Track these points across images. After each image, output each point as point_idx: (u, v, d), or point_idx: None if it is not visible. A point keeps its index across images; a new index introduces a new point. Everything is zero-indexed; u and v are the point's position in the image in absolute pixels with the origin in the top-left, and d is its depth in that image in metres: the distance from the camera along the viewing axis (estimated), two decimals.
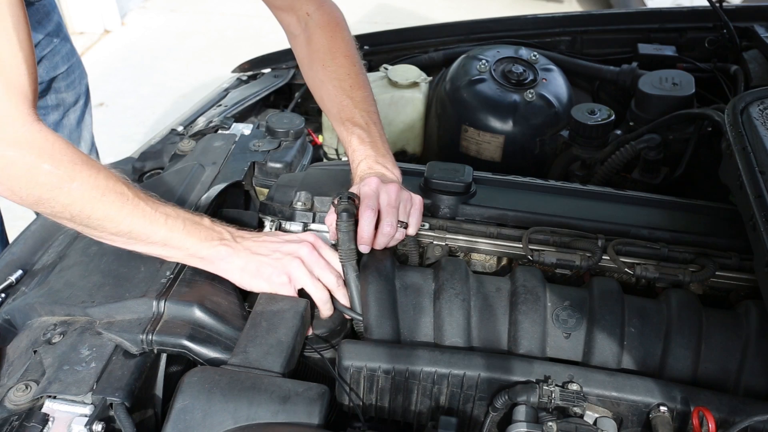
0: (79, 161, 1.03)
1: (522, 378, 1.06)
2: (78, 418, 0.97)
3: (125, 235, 1.09)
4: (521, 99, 1.85)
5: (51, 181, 1.01)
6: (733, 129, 1.28)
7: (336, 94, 1.37)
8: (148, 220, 1.09)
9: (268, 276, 1.16)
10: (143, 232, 1.09)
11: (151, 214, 1.09)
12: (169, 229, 1.10)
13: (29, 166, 1.00)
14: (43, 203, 1.03)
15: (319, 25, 1.40)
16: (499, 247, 1.34)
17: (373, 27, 2.40)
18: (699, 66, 1.99)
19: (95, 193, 1.03)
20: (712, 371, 1.12)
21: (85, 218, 1.05)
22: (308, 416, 0.96)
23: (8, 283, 1.25)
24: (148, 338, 1.07)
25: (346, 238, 1.21)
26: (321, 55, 1.39)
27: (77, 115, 1.97)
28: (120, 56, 4.90)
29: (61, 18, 1.91)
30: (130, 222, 1.07)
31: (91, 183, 1.03)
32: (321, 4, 1.42)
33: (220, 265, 1.16)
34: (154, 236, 1.10)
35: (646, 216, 1.38)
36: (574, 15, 2.24)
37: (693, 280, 1.24)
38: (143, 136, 3.81)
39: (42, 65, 1.79)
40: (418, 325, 1.17)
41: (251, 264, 1.16)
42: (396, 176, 1.32)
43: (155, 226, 1.09)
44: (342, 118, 1.36)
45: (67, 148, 1.03)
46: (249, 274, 1.16)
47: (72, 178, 1.02)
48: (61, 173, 1.01)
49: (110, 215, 1.06)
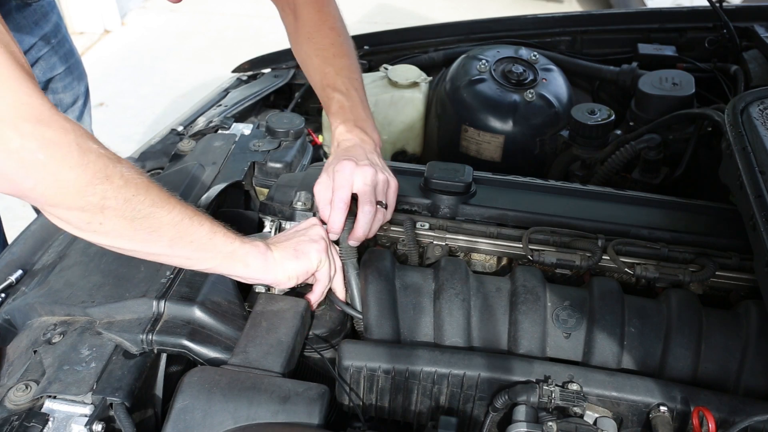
0: (111, 153, 0.94)
1: (522, 378, 1.06)
2: (78, 418, 0.97)
3: (171, 229, 0.98)
4: (521, 99, 1.85)
5: (100, 160, 0.89)
6: (733, 129, 1.28)
7: (319, 63, 1.38)
8: (191, 213, 1.01)
9: (309, 249, 1.13)
10: (189, 226, 1.00)
11: (192, 209, 1.02)
12: (211, 225, 1.04)
13: (74, 143, 0.87)
14: (94, 188, 0.89)
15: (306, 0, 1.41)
16: (499, 247, 1.34)
17: (373, 27, 2.39)
18: (699, 66, 1.99)
19: (142, 179, 0.95)
20: (712, 371, 1.12)
21: (138, 204, 0.93)
22: (308, 416, 0.96)
23: (8, 283, 1.24)
24: (148, 338, 1.07)
25: (346, 236, 1.22)
26: (308, 28, 1.40)
27: (75, 115, 1.96)
28: (120, 56, 4.90)
29: (61, 18, 1.89)
30: (178, 212, 0.98)
31: (134, 170, 0.95)
32: None
33: (258, 262, 1.10)
34: (197, 233, 1.02)
35: (646, 216, 1.38)
36: (574, 15, 2.24)
37: (693, 280, 1.24)
38: (143, 136, 3.81)
39: (38, 66, 1.78)
40: (418, 325, 1.17)
41: (288, 249, 1.13)
42: (375, 140, 1.33)
43: (198, 219, 1.02)
44: (323, 85, 1.37)
45: (93, 138, 0.93)
46: (292, 259, 1.12)
47: (118, 161, 0.92)
48: (108, 154, 0.91)
49: (160, 201, 0.96)
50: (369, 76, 2.08)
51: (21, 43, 1.68)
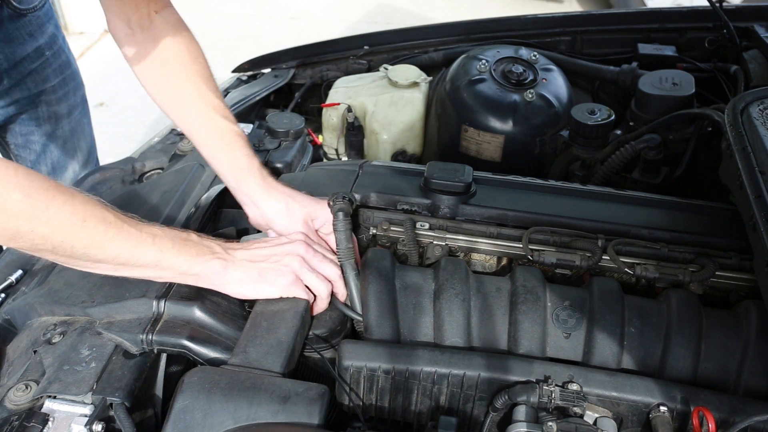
0: (50, 187, 0.95)
1: (522, 378, 1.06)
2: (78, 418, 0.97)
3: (112, 261, 1.02)
4: (521, 99, 1.85)
5: (25, 210, 0.92)
6: (733, 129, 1.28)
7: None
8: (134, 243, 1.03)
9: (273, 279, 1.14)
10: (131, 256, 1.03)
11: (137, 236, 1.03)
12: (158, 250, 1.05)
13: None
14: (22, 237, 0.94)
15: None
16: (499, 247, 1.34)
17: (373, 27, 2.40)
18: (699, 66, 1.98)
19: (75, 219, 0.96)
20: (712, 371, 1.12)
21: (69, 248, 0.97)
22: (308, 416, 0.96)
23: (8, 283, 1.25)
24: (148, 338, 1.07)
25: (343, 237, 1.22)
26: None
27: (72, 126, 1.92)
28: (120, 56, 4.89)
29: (58, 29, 1.84)
30: (116, 246, 1.01)
31: (68, 209, 0.96)
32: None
33: (215, 279, 1.12)
34: (143, 258, 1.04)
35: (646, 216, 1.38)
36: (574, 15, 2.24)
37: (693, 280, 1.24)
38: (143, 136, 3.81)
39: (29, 79, 1.73)
40: (418, 325, 1.17)
41: (252, 273, 1.14)
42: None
43: (143, 247, 1.04)
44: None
45: (33, 176, 0.95)
46: (251, 283, 1.13)
47: (47, 206, 0.94)
48: (33, 202, 0.93)
49: (95, 241, 0.99)
50: (369, 76, 2.08)
51: (12, 54, 1.66)
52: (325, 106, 1.98)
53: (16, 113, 1.77)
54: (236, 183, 1.27)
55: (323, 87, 2.13)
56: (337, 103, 1.96)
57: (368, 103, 1.96)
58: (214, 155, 1.29)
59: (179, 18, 1.32)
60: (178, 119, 1.33)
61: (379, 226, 1.35)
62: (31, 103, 1.78)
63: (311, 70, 2.17)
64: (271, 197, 1.25)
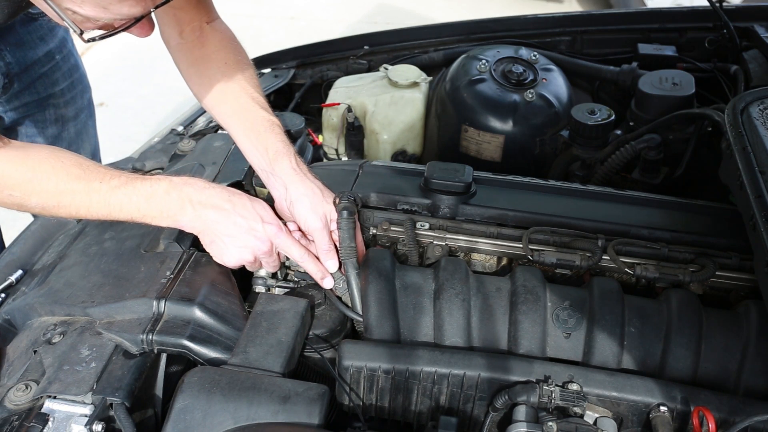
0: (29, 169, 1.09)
1: (522, 378, 1.06)
2: (78, 418, 0.97)
3: (105, 216, 1.14)
4: (521, 99, 1.85)
5: (14, 203, 1.10)
6: (733, 129, 1.28)
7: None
8: (126, 198, 1.13)
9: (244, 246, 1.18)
10: (124, 210, 1.13)
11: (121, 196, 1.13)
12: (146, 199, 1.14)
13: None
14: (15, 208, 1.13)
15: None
16: (499, 247, 1.34)
17: (373, 27, 2.40)
18: (699, 66, 1.99)
19: (53, 201, 1.11)
20: (712, 371, 1.13)
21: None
22: (308, 416, 0.96)
23: (8, 283, 1.25)
24: (148, 338, 1.07)
25: (346, 235, 1.22)
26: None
27: (78, 128, 1.94)
28: (120, 56, 4.90)
29: (68, 32, 1.83)
30: (99, 208, 1.12)
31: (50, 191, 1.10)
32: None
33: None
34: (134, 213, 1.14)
35: (646, 216, 1.38)
36: (574, 15, 2.24)
37: (693, 280, 1.24)
38: (143, 136, 3.79)
39: (38, 83, 1.74)
40: (418, 325, 1.17)
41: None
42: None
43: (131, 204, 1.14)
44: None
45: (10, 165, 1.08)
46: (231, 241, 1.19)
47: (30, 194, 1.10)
48: (18, 194, 1.09)
49: (80, 210, 1.13)
50: (369, 76, 2.08)
51: (23, 58, 1.66)
52: (325, 106, 1.98)
53: (23, 116, 1.77)
54: (270, 166, 1.29)
55: (323, 87, 2.13)
56: (337, 103, 1.96)
57: (368, 103, 1.96)
58: (250, 141, 1.32)
59: (227, 27, 1.42)
60: (219, 114, 1.38)
61: (379, 226, 1.35)
62: (39, 106, 1.79)
63: (311, 70, 2.17)
64: (301, 182, 1.27)
